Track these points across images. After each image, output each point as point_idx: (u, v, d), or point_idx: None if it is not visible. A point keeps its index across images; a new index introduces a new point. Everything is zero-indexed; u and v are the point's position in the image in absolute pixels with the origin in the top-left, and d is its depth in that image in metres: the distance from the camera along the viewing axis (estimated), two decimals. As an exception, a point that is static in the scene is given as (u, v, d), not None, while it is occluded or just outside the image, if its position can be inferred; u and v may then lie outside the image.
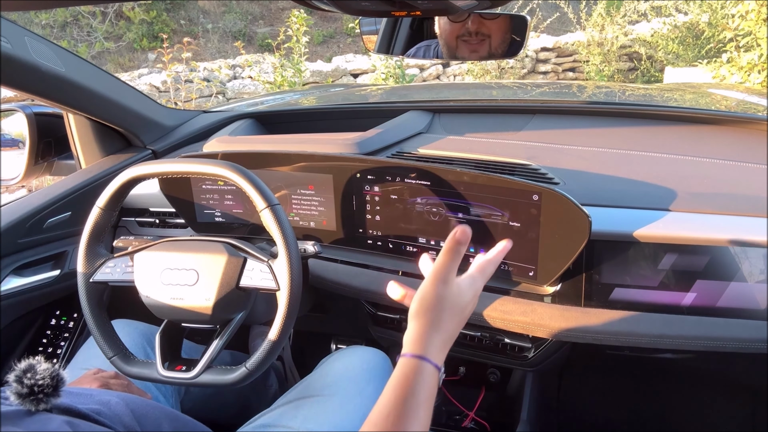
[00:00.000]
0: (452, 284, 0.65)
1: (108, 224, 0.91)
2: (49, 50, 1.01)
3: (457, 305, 0.65)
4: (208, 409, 1.14)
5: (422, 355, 0.61)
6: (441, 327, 0.64)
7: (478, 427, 1.27)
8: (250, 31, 8.45)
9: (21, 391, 0.54)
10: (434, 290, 0.64)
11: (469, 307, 0.68)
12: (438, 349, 0.63)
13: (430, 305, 0.64)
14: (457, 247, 0.65)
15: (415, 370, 0.60)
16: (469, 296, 0.67)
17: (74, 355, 1.06)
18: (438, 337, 0.63)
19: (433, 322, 0.63)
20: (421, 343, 0.62)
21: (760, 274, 0.81)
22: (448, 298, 0.65)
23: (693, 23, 5.54)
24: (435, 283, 0.65)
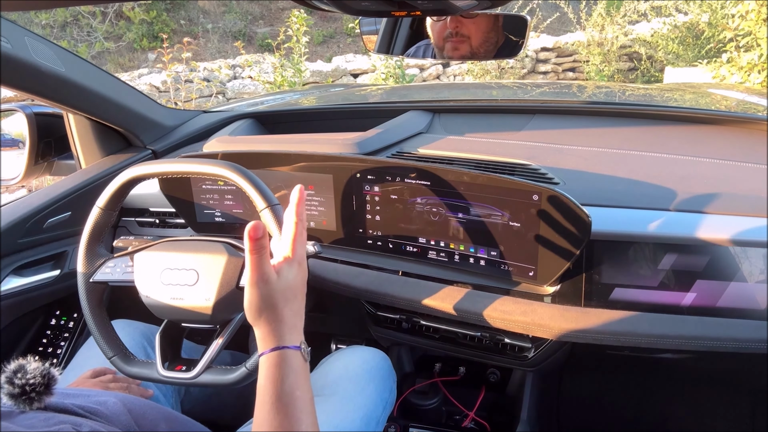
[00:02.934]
0: (270, 278, 0.65)
1: (108, 224, 0.91)
2: (49, 50, 1.01)
3: (286, 290, 0.66)
4: (208, 409, 1.14)
5: (276, 346, 0.63)
6: (282, 316, 0.64)
7: (478, 427, 1.27)
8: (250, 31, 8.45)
9: (13, 392, 0.54)
10: (256, 293, 0.64)
11: (297, 281, 0.68)
12: (290, 333, 0.64)
13: (261, 308, 0.64)
14: (256, 245, 0.63)
15: (276, 362, 0.62)
16: (291, 275, 0.67)
17: (74, 355, 1.06)
18: (284, 326, 0.64)
19: (270, 318, 0.64)
20: (270, 338, 0.64)
21: (760, 274, 0.81)
22: (273, 291, 0.64)
23: (693, 23, 5.54)
24: (255, 285, 0.64)
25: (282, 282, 0.65)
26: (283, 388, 0.60)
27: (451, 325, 1.06)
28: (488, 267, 0.94)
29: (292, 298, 0.66)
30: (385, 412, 0.99)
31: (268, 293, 0.64)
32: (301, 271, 0.68)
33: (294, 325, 0.65)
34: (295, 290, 0.67)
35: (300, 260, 0.69)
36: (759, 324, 0.81)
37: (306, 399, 0.62)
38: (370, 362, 1.02)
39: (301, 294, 0.68)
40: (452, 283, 0.98)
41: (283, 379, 0.61)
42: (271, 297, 0.64)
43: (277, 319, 0.64)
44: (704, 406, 1.27)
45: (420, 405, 1.29)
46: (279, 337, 0.63)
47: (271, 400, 0.60)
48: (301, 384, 0.62)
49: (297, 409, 0.60)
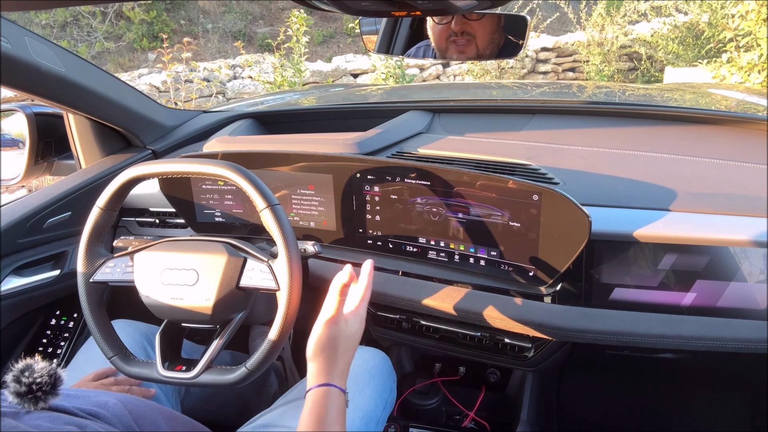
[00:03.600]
0: (342, 323, 0.74)
1: (108, 224, 0.91)
2: (49, 50, 1.01)
3: (348, 339, 0.74)
4: (208, 409, 1.14)
5: (327, 383, 0.70)
6: (338, 360, 0.72)
7: (478, 427, 1.27)
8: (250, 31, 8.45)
9: (19, 390, 0.54)
10: (327, 332, 0.72)
11: (357, 335, 0.76)
12: (339, 377, 0.72)
13: (326, 346, 0.72)
14: (345, 290, 0.74)
15: (323, 396, 0.69)
16: (355, 327, 0.75)
17: (74, 355, 1.06)
18: (337, 369, 0.72)
19: (329, 358, 0.72)
20: (323, 375, 0.71)
21: (760, 274, 0.81)
22: (340, 336, 0.73)
23: (693, 23, 5.54)
24: (327, 325, 0.73)
25: (349, 330, 0.74)
26: (327, 419, 0.67)
27: (451, 325, 1.06)
28: (488, 267, 0.94)
29: (351, 347, 0.74)
30: (385, 412, 0.99)
31: (335, 335, 0.72)
32: (361, 327, 0.77)
33: (343, 373, 0.73)
34: (355, 341, 0.75)
35: (362, 318, 0.77)
36: (759, 324, 0.81)
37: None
38: (370, 362, 1.02)
39: (356, 346, 0.76)
40: (452, 283, 0.98)
41: (327, 412, 0.68)
42: (337, 339, 0.72)
43: (333, 361, 0.72)
44: (704, 406, 1.27)
45: (420, 405, 1.29)
46: (331, 376, 0.71)
47: (313, 428, 0.66)
48: (342, 421, 0.69)
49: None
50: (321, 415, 0.67)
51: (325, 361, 0.71)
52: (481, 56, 1.08)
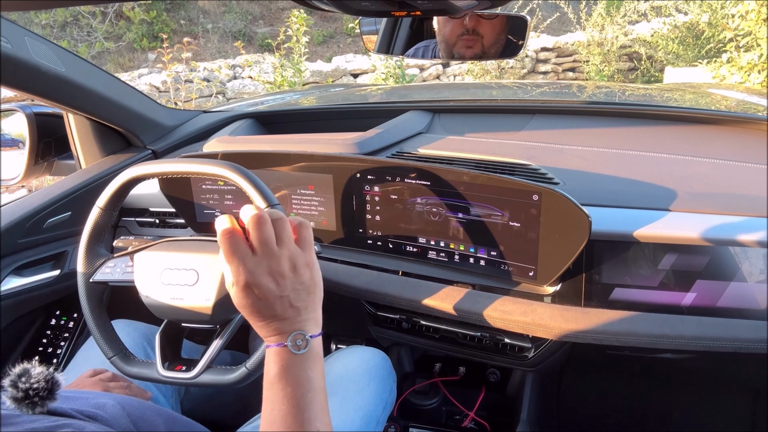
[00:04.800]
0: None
1: (108, 224, 0.91)
2: (49, 50, 1.01)
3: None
4: (208, 409, 1.14)
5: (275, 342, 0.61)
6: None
7: (478, 427, 1.27)
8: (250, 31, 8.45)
9: (16, 396, 0.54)
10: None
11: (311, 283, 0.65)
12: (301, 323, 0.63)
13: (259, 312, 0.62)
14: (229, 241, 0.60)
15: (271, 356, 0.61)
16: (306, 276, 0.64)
17: (74, 355, 1.06)
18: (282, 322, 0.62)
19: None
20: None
21: (760, 274, 0.81)
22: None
23: (693, 23, 5.54)
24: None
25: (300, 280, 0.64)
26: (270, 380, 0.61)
27: (451, 325, 1.06)
28: (488, 267, 0.94)
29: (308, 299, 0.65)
30: (385, 412, 0.99)
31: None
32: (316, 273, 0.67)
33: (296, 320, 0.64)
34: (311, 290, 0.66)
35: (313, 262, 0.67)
36: (759, 324, 0.81)
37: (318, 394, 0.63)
38: (370, 362, 1.02)
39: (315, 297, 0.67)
40: (452, 283, 0.98)
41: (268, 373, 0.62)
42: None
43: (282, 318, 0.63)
44: (704, 406, 1.27)
45: (420, 405, 1.29)
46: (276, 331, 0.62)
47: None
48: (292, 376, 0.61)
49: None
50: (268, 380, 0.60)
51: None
52: (485, 54, 1.08)
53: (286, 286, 0.61)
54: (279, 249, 0.61)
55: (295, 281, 0.62)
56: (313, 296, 0.65)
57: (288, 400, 0.59)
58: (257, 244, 0.61)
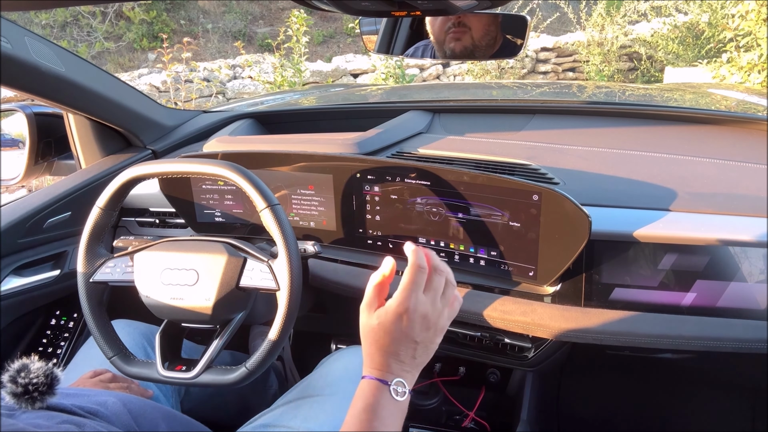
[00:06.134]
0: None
1: (108, 224, 0.91)
2: (49, 50, 1.01)
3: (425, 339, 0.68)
4: (208, 409, 1.14)
5: (380, 378, 0.65)
6: (400, 356, 0.66)
7: (478, 427, 1.27)
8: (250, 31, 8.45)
9: (16, 391, 0.54)
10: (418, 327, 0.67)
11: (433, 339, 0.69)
12: (394, 373, 0.66)
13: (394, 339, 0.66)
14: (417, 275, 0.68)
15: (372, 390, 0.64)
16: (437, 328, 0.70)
17: (74, 355, 1.06)
18: (394, 366, 0.66)
19: (389, 352, 0.66)
20: (378, 368, 0.66)
21: (760, 274, 0.81)
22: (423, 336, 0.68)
23: (693, 23, 5.54)
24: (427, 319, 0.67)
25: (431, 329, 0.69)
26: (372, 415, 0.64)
27: (451, 325, 1.06)
28: (488, 267, 0.94)
29: (423, 351, 0.70)
30: (385, 412, 0.99)
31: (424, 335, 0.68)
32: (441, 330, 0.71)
33: (404, 370, 0.68)
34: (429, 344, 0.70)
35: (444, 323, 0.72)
36: (759, 324, 0.81)
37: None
38: (371, 362, 1.02)
39: (429, 350, 0.71)
40: (452, 283, 0.98)
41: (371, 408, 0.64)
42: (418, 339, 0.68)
43: (393, 355, 0.67)
44: (704, 406, 1.27)
45: (420, 405, 1.29)
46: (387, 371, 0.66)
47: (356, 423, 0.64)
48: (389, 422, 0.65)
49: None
50: (365, 410, 0.63)
51: (385, 355, 0.66)
52: (478, 49, 1.07)
53: (425, 336, 0.66)
54: (441, 303, 0.68)
55: (431, 336, 0.67)
56: (428, 358, 0.69)
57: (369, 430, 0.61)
58: (429, 287, 0.67)
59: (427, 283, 0.67)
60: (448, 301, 0.70)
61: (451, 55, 1.10)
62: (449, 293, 0.70)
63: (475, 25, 1.05)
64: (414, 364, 0.67)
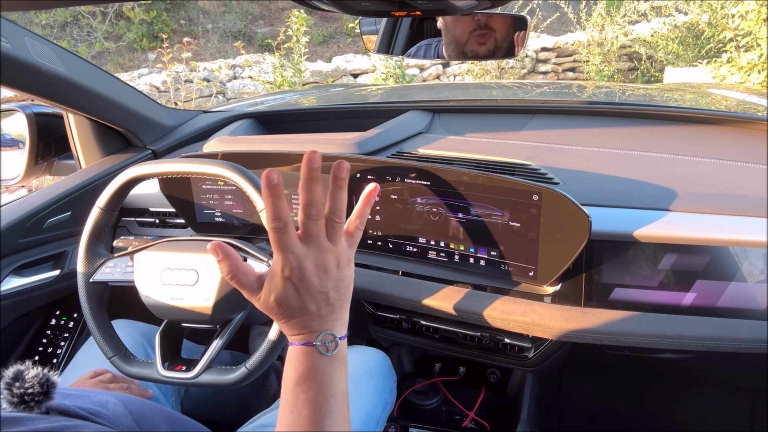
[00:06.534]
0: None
1: (108, 224, 0.91)
2: (49, 50, 1.01)
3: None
4: (208, 409, 1.14)
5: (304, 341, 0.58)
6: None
7: (478, 427, 1.27)
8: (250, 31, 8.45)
9: (12, 400, 0.54)
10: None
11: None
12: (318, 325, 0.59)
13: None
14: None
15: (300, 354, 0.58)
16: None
17: (74, 355, 1.06)
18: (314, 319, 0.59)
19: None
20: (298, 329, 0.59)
21: (760, 274, 0.81)
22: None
23: (693, 23, 5.55)
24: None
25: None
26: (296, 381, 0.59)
27: (451, 325, 1.06)
28: (488, 267, 0.94)
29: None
30: (385, 412, 0.99)
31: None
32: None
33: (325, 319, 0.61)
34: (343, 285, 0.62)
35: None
36: (759, 324, 0.81)
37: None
38: (370, 362, 1.02)
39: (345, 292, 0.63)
40: (452, 283, 0.98)
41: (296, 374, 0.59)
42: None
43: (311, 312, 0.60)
44: (704, 406, 1.27)
45: (420, 405, 1.29)
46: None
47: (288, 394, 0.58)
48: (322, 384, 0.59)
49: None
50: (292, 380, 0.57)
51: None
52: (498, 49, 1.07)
53: (329, 282, 0.58)
54: (329, 244, 0.59)
55: (337, 278, 0.59)
56: (348, 294, 0.62)
57: (309, 404, 0.56)
58: (307, 237, 0.57)
59: (302, 234, 0.57)
60: (339, 235, 0.60)
61: (471, 56, 1.09)
62: (337, 229, 0.60)
63: (500, 26, 1.05)
64: (334, 310, 0.60)
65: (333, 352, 0.58)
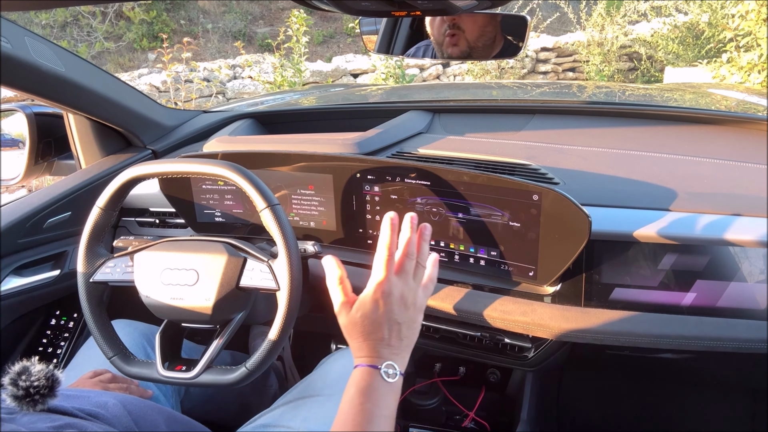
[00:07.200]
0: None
1: (108, 224, 0.91)
2: (49, 50, 1.01)
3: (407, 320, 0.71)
4: (208, 409, 1.14)
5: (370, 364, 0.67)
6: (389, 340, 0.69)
7: (478, 427, 1.27)
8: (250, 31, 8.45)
9: (17, 393, 0.54)
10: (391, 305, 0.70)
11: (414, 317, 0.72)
12: (383, 357, 0.68)
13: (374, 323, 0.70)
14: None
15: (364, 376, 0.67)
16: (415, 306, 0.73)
17: (74, 355, 1.06)
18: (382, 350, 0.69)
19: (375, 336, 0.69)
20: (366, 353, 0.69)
21: (760, 274, 0.81)
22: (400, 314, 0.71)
23: (693, 23, 5.54)
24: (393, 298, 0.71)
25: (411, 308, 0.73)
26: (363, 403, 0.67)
27: (451, 325, 1.06)
28: (488, 267, 0.94)
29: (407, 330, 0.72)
30: (385, 412, 0.99)
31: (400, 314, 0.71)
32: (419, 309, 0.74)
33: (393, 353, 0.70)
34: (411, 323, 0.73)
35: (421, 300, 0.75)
36: (759, 324, 0.81)
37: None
38: (371, 362, 1.02)
39: (413, 331, 0.73)
40: (452, 283, 0.98)
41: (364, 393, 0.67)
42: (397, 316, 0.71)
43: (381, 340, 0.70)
44: (704, 406, 1.27)
45: (420, 405, 1.29)
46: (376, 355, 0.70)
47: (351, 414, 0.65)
48: (383, 406, 0.67)
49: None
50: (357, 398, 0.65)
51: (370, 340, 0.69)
52: (475, 50, 1.07)
53: (406, 316, 0.68)
54: (414, 283, 0.70)
55: (412, 317, 0.69)
56: (415, 338, 0.71)
57: (364, 414, 0.62)
58: (400, 269, 0.70)
59: (397, 266, 0.70)
60: (420, 280, 0.73)
61: (449, 56, 1.09)
62: (420, 273, 0.73)
63: (470, 27, 1.04)
64: (401, 346, 0.68)
65: (393, 380, 0.66)
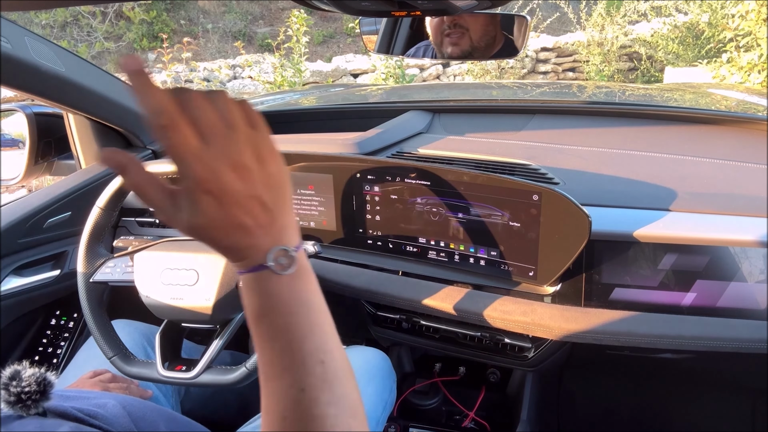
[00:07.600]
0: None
1: (108, 224, 0.91)
2: (49, 50, 1.01)
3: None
4: (208, 409, 1.14)
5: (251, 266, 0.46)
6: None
7: (478, 427, 1.27)
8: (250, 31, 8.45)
9: (9, 399, 0.54)
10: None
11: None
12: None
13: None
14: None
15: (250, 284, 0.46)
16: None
17: (74, 355, 1.06)
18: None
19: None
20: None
21: (760, 274, 0.81)
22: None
23: (693, 23, 5.55)
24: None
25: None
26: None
27: (451, 325, 1.06)
28: (488, 267, 0.94)
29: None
30: (385, 412, 0.99)
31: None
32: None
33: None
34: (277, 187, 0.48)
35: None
36: (759, 324, 0.81)
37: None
38: (370, 362, 1.02)
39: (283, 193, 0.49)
40: (452, 283, 0.98)
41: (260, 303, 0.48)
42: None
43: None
44: (704, 406, 1.27)
45: (420, 405, 1.29)
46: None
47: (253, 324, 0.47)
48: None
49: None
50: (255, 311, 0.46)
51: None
52: (476, 50, 1.06)
53: (254, 180, 0.45)
54: (232, 132, 0.44)
55: (263, 173, 0.45)
56: (286, 193, 0.48)
57: (283, 334, 0.45)
58: (205, 131, 0.43)
59: (197, 127, 0.43)
60: (235, 124, 0.44)
61: (449, 56, 1.09)
62: (229, 112, 0.45)
63: (473, 26, 1.04)
64: (273, 215, 0.46)
65: (291, 269, 0.45)
